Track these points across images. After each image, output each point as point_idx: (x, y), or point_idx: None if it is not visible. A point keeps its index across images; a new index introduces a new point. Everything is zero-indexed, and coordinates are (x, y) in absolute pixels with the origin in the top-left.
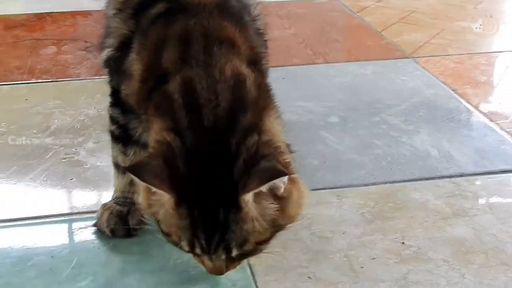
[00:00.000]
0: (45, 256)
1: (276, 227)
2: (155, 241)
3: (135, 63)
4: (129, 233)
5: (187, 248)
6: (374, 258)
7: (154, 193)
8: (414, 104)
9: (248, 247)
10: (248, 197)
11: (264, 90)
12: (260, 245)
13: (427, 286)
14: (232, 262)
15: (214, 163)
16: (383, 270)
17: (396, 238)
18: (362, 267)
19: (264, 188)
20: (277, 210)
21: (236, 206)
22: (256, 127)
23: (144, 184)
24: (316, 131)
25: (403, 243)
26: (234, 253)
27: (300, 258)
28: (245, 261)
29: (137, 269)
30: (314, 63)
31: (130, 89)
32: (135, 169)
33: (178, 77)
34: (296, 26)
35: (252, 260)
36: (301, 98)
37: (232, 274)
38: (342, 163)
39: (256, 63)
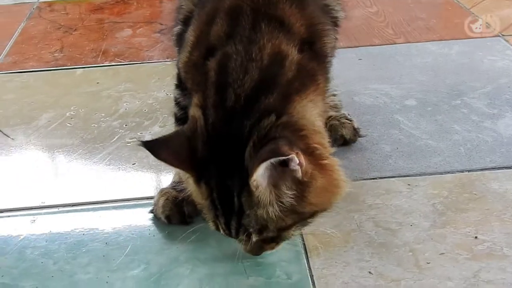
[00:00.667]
0: (100, 243)
1: (297, 214)
2: (211, 230)
3: (190, 35)
4: (185, 220)
5: (213, 228)
6: (442, 254)
7: None
8: (501, 85)
9: (269, 233)
10: (258, 181)
11: (307, 72)
12: (283, 231)
13: (499, 285)
14: (264, 244)
15: (228, 145)
16: (452, 267)
17: (469, 232)
18: (428, 263)
19: (261, 169)
20: (296, 197)
21: (248, 191)
22: (278, 108)
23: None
24: (391, 115)
25: (476, 237)
26: (254, 238)
27: (362, 251)
28: (302, 253)
29: (191, 258)
30: (394, 43)
31: (181, 61)
32: (150, 145)
33: (220, 52)
34: (379, 4)
35: (310, 251)
36: (378, 79)
37: (288, 267)
38: (416, 150)
39: (313, 43)
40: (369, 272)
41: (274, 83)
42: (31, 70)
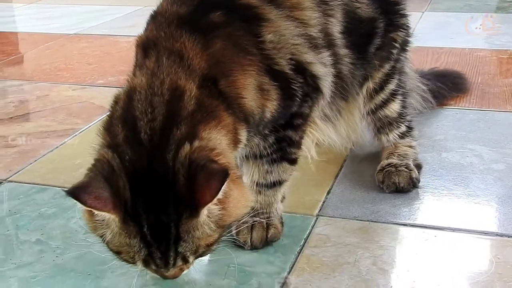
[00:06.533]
0: None
1: (222, 227)
2: None
3: None
4: None
5: (141, 266)
6: None
7: (96, 214)
8: None
9: (201, 250)
10: (206, 208)
11: (205, 108)
12: (210, 246)
13: None
14: (186, 265)
15: (155, 181)
16: None
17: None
18: None
19: (221, 193)
20: (221, 210)
21: (189, 218)
22: (188, 136)
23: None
24: (468, 174)
25: None
26: (190, 259)
27: (341, 282)
28: (286, 270)
29: None
30: None
31: None
32: (75, 192)
33: (128, 85)
34: None
35: (294, 271)
36: (480, 141)
37: (265, 278)
38: (469, 208)
39: (216, 80)
40: None
41: (179, 116)
42: None
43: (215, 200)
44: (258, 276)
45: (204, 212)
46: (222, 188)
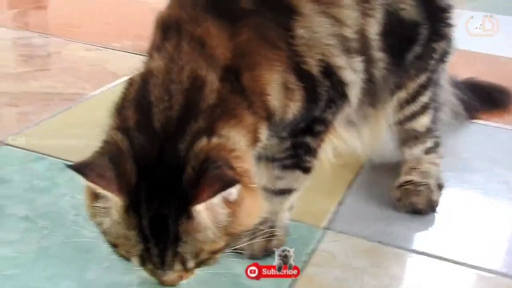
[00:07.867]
0: None
1: (229, 235)
2: None
3: None
4: None
5: (137, 264)
6: None
7: (98, 199)
8: None
9: (203, 256)
10: (200, 207)
11: (225, 104)
12: (215, 254)
13: None
14: (187, 272)
15: (163, 169)
16: None
17: None
18: None
19: (216, 199)
20: (229, 217)
21: (187, 217)
22: (207, 131)
23: (89, 186)
24: (493, 203)
25: None
26: (190, 264)
27: None
28: None
29: None
30: None
31: None
32: (80, 167)
33: (144, 67)
34: None
35: None
36: (507, 165)
37: None
38: (489, 241)
39: (239, 74)
40: None
41: (198, 107)
42: None
43: (220, 203)
44: None
45: (200, 213)
46: (223, 194)
